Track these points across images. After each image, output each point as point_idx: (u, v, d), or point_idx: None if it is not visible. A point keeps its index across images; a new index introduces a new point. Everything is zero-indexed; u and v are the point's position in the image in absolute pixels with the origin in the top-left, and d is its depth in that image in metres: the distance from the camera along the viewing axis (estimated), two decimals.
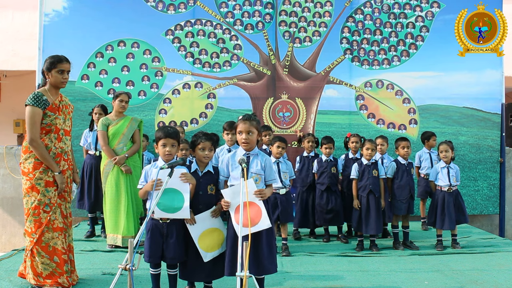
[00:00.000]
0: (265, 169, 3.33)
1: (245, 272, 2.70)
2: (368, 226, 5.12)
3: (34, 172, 3.58)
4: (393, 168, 5.39)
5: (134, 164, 5.20)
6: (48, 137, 3.63)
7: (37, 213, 3.58)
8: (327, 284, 3.98)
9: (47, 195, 3.60)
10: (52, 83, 3.67)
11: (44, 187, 3.59)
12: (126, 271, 2.68)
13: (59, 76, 3.64)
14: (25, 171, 3.63)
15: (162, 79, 6.97)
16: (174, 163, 3.16)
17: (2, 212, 6.94)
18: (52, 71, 3.62)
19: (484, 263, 4.67)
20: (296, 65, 7.08)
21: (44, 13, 6.79)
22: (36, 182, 3.58)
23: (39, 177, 3.58)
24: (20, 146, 7.21)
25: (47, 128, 3.62)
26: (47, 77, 3.66)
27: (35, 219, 3.58)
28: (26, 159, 3.63)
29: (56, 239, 3.62)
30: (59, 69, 3.63)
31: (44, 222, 3.59)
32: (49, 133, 3.63)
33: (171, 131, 3.39)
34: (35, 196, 3.58)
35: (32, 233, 3.60)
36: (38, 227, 3.59)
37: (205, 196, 3.37)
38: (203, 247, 3.31)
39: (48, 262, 3.60)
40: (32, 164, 3.59)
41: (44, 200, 3.59)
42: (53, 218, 3.63)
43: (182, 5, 7.03)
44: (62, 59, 3.66)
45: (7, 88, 9.98)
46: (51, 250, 3.61)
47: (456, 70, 7.11)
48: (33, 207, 3.58)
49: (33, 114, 3.54)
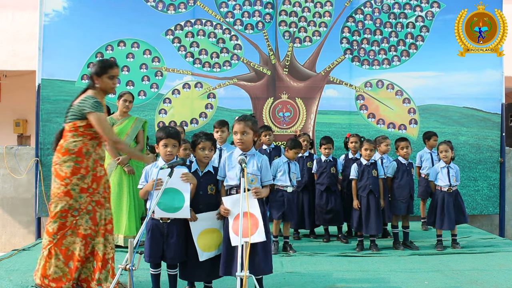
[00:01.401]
0: (261, 170, 3.36)
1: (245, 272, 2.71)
2: (369, 226, 5.12)
3: (72, 178, 3.48)
4: (393, 168, 5.40)
5: (137, 164, 5.21)
6: (91, 143, 3.57)
7: (64, 216, 3.49)
8: (327, 284, 3.98)
9: (78, 201, 3.51)
10: (103, 88, 3.60)
11: (78, 193, 3.50)
12: (126, 271, 2.69)
13: (109, 81, 3.58)
14: (61, 174, 3.50)
15: (162, 79, 6.97)
16: (174, 163, 3.17)
17: (2, 212, 6.93)
18: (103, 77, 3.55)
19: (484, 263, 4.67)
20: (296, 65, 7.08)
21: (44, 13, 6.78)
22: (72, 188, 3.48)
23: (75, 183, 3.49)
24: (20, 146, 7.23)
25: (94, 134, 3.55)
26: (96, 82, 3.57)
27: (60, 221, 3.49)
28: (64, 162, 3.51)
29: (76, 244, 3.51)
30: (110, 74, 3.57)
31: (68, 225, 3.50)
32: (94, 139, 3.57)
33: (173, 132, 3.40)
34: (66, 201, 3.48)
35: (53, 233, 3.50)
36: (61, 229, 3.50)
37: (205, 196, 3.38)
38: (201, 246, 3.32)
39: (62, 266, 3.51)
40: (71, 168, 3.49)
41: (74, 205, 3.49)
42: (79, 224, 3.52)
43: (182, 5, 7.02)
44: (113, 64, 3.60)
45: (7, 88, 9.98)
46: (69, 254, 3.51)
47: (456, 70, 7.11)
48: (61, 210, 3.48)
49: (103, 119, 3.50)
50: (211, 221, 3.36)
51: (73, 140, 3.53)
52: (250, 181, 3.30)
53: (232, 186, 3.33)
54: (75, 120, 3.52)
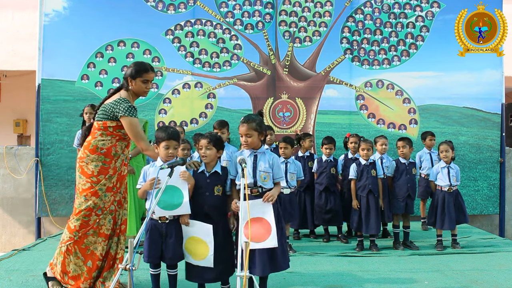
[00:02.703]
0: (272, 167, 3.36)
1: (245, 272, 2.71)
2: (369, 226, 5.11)
3: (99, 177, 3.49)
4: (393, 167, 5.40)
5: (137, 164, 5.21)
6: (120, 145, 3.57)
7: (88, 215, 3.49)
8: (327, 284, 3.98)
9: (103, 200, 3.51)
10: (135, 91, 3.60)
11: (104, 192, 3.51)
12: (126, 271, 2.68)
13: (143, 85, 3.58)
14: (88, 172, 3.50)
15: (162, 79, 6.97)
16: (174, 163, 3.16)
17: (2, 212, 6.93)
18: (137, 79, 3.55)
19: (484, 263, 4.67)
20: (296, 65, 7.08)
21: (44, 13, 6.79)
22: (99, 188, 3.48)
23: (103, 183, 3.50)
24: (20, 146, 7.23)
25: (123, 136, 3.56)
26: (130, 84, 3.57)
27: (84, 219, 3.48)
28: (92, 160, 3.50)
29: (98, 244, 3.53)
30: (145, 78, 3.56)
31: (91, 224, 3.50)
32: (122, 140, 3.58)
33: (174, 133, 3.39)
34: (93, 200, 3.48)
35: (75, 230, 3.49)
36: (83, 227, 3.49)
37: (212, 197, 3.35)
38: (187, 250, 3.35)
39: (81, 264, 3.51)
40: (99, 168, 3.49)
41: (99, 204, 3.50)
42: (102, 224, 3.53)
43: (182, 5, 7.03)
44: (148, 68, 3.59)
45: (7, 88, 9.98)
46: (89, 253, 3.52)
47: (456, 70, 7.11)
48: (86, 208, 3.48)
49: (135, 124, 3.48)
50: (202, 232, 3.30)
51: (102, 138, 3.52)
52: (263, 178, 3.32)
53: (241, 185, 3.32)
54: (106, 120, 3.51)
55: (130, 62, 6.89)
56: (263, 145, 3.45)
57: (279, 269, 3.35)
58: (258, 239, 3.12)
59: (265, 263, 3.22)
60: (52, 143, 6.72)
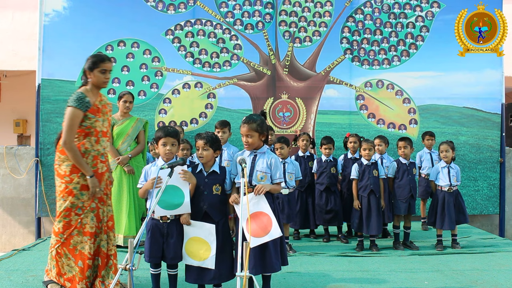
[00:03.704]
0: (271, 168, 3.37)
1: (245, 272, 2.71)
2: (370, 226, 5.11)
3: (72, 176, 3.49)
4: (393, 168, 5.40)
5: (137, 164, 5.22)
6: (88, 140, 3.55)
7: (68, 215, 3.50)
8: (327, 284, 3.98)
9: (80, 199, 3.51)
10: (94, 83, 3.60)
11: (79, 191, 3.50)
12: (126, 271, 2.69)
13: (101, 76, 3.58)
14: (61, 173, 3.52)
15: (162, 79, 6.97)
16: (174, 163, 3.17)
17: (2, 212, 6.93)
18: (95, 71, 3.56)
19: (484, 263, 4.67)
20: (296, 65, 7.08)
21: (44, 13, 6.79)
22: (74, 187, 3.49)
23: (77, 181, 3.49)
24: (20, 146, 7.23)
25: (86, 130, 3.53)
26: (89, 76, 3.58)
27: (65, 220, 3.50)
28: (63, 161, 3.51)
29: (84, 243, 3.52)
30: (102, 68, 3.57)
31: (74, 224, 3.50)
32: (89, 136, 3.55)
33: (171, 130, 3.41)
34: (69, 200, 3.49)
35: (59, 233, 3.51)
36: (66, 229, 3.50)
37: (210, 196, 3.36)
38: (187, 250, 3.31)
39: (73, 265, 3.52)
40: (70, 167, 3.49)
41: (77, 203, 3.50)
42: (85, 222, 3.52)
43: (182, 5, 7.02)
44: (105, 58, 3.61)
45: (7, 88, 9.97)
46: (77, 253, 3.52)
47: (456, 70, 7.11)
48: (65, 209, 3.49)
49: (73, 116, 3.45)
50: (204, 232, 3.30)
51: None
52: (260, 178, 3.33)
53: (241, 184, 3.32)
54: None
55: (130, 62, 6.91)
56: (265, 145, 3.46)
57: (270, 270, 3.32)
58: (262, 233, 3.13)
59: (256, 263, 3.21)
60: (52, 143, 6.69)
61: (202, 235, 3.30)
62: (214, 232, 3.27)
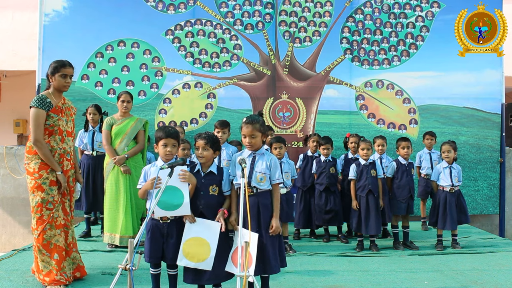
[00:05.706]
0: (270, 169, 3.36)
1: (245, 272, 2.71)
2: (369, 226, 5.11)
3: (41, 172, 3.71)
4: (393, 168, 5.40)
5: (135, 164, 5.19)
6: (53, 139, 3.78)
7: (39, 211, 3.71)
8: (327, 284, 3.98)
9: (50, 194, 3.73)
10: (56, 87, 3.82)
11: (48, 186, 3.72)
12: (126, 271, 2.69)
13: (62, 80, 3.79)
14: (30, 170, 3.75)
15: (162, 79, 6.96)
16: (174, 163, 3.16)
17: (2, 212, 6.93)
18: (56, 75, 3.78)
19: (484, 263, 4.67)
20: (296, 65, 7.08)
21: (44, 13, 6.79)
22: (42, 182, 3.71)
23: (45, 176, 3.72)
24: (20, 146, 7.23)
25: (50, 129, 3.76)
26: (51, 80, 3.81)
27: (37, 216, 3.72)
28: (31, 160, 3.75)
29: (58, 236, 3.75)
30: (62, 73, 3.78)
31: (46, 219, 3.72)
32: (53, 134, 3.78)
33: (172, 131, 3.40)
34: (39, 195, 3.70)
35: (35, 230, 3.73)
36: (40, 224, 3.71)
37: (206, 196, 3.35)
38: (185, 250, 3.26)
39: (48, 260, 3.72)
40: (38, 164, 3.72)
41: (47, 198, 3.72)
42: (56, 216, 3.75)
43: (182, 5, 7.02)
44: (66, 64, 3.82)
45: (7, 88, 9.98)
46: (52, 247, 3.73)
47: (456, 70, 7.11)
48: (36, 204, 3.71)
49: (37, 116, 3.69)
50: (205, 231, 3.28)
51: None
52: (259, 179, 3.32)
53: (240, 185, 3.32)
54: None
55: (130, 62, 6.91)
56: (263, 146, 3.46)
57: (270, 272, 3.33)
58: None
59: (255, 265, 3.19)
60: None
61: (204, 234, 3.28)
62: (218, 231, 3.26)
